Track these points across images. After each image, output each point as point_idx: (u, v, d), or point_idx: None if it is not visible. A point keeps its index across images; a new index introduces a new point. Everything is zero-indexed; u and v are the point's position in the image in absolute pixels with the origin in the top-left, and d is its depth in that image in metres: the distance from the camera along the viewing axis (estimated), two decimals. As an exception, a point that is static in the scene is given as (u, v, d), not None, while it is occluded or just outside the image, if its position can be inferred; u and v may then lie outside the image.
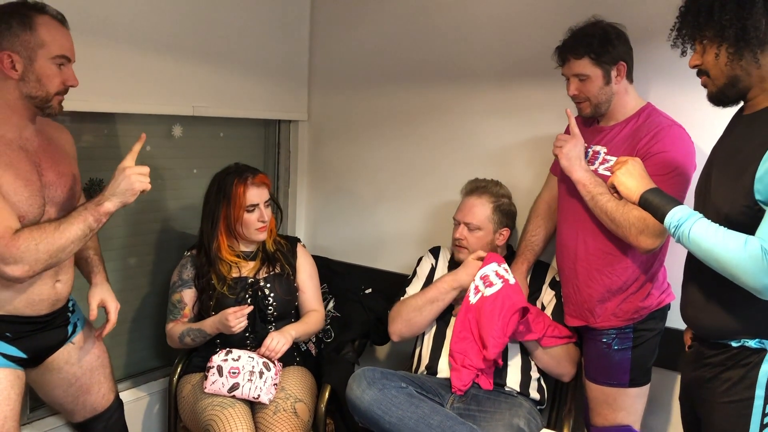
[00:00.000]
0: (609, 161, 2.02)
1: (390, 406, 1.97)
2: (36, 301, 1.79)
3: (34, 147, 1.76)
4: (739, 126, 1.52)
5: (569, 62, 2.03)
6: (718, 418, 1.50)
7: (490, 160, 2.60)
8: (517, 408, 2.09)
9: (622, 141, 2.02)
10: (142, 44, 2.35)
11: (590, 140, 2.11)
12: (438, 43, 2.69)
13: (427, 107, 2.75)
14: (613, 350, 2.05)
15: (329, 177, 3.10)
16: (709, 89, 1.50)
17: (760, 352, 1.44)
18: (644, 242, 1.87)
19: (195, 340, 2.31)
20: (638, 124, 2.01)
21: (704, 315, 1.53)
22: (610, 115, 2.07)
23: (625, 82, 2.03)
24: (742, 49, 1.39)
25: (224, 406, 2.16)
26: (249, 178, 2.36)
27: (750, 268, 1.33)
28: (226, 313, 2.18)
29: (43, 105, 1.73)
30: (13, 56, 1.66)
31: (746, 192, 1.38)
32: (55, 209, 1.79)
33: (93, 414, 2.07)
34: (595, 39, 1.98)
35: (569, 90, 2.06)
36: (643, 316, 2.03)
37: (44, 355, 1.90)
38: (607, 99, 2.03)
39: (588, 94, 2.03)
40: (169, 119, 2.62)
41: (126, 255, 2.57)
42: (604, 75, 2.00)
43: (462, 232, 2.35)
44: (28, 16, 1.67)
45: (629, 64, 2.01)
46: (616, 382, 2.06)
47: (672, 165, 1.88)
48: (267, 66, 2.88)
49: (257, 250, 2.45)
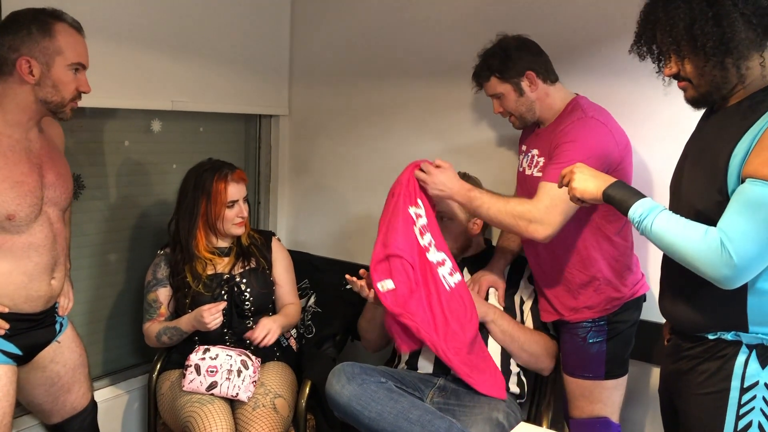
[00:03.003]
0: (539, 163, 2.06)
1: (369, 401, 1.97)
2: (34, 297, 1.82)
3: (37, 148, 1.81)
4: (711, 122, 1.52)
5: (483, 86, 2.12)
6: (695, 410, 1.51)
7: (470, 154, 2.60)
8: (496, 402, 2.09)
9: (546, 139, 2.04)
10: (120, 38, 2.32)
11: (530, 144, 2.16)
12: (418, 38, 2.69)
13: (408, 102, 2.75)
14: (588, 343, 2.06)
15: (310, 172, 3.09)
16: (690, 93, 1.48)
17: (736, 345, 1.45)
18: (536, 231, 1.87)
19: (172, 339, 2.29)
20: (558, 121, 2.04)
21: (681, 309, 1.54)
22: (543, 118, 2.11)
23: (543, 86, 2.05)
24: (726, 62, 1.38)
25: (203, 402, 2.15)
26: (228, 174, 2.34)
27: (709, 258, 1.34)
28: (201, 310, 2.17)
29: (57, 110, 1.78)
30: (32, 61, 1.70)
31: (719, 186, 1.38)
32: (54, 209, 1.85)
33: (72, 413, 2.07)
34: (495, 59, 2.05)
35: (493, 109, 2.14)
36: (617, 306, 2.04)
37: (34, 352, 1.92)
38: (528, 108, 2.08)
39: (509, 109, 2.10)
40: (147, 114, 2.59)
41: (104, 251, 2.54)
42: (515, 89, 2.06)
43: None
44: (47, 23, 1.72)
45: (539, 70, 2.04)
46: (592, 374, 2.08)
47: (569, 156, 1.87)
48: (247, 60, 2.86)
49: (231, 245, 2.44)
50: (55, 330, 1.97)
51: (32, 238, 1.78)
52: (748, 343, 1.43)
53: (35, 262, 1.80)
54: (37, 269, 1.81)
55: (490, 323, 2.22)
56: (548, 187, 1.88)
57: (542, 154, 2.06)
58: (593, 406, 2.10)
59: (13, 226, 1.72)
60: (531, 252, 2.18)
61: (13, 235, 1.74)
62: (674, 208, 1.54)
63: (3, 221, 1.70)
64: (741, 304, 1.43)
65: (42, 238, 1.80)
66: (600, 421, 2.10)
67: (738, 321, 1.44)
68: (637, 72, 1.86)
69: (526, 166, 2.14)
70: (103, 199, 2.51)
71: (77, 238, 2.30)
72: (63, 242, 1.92)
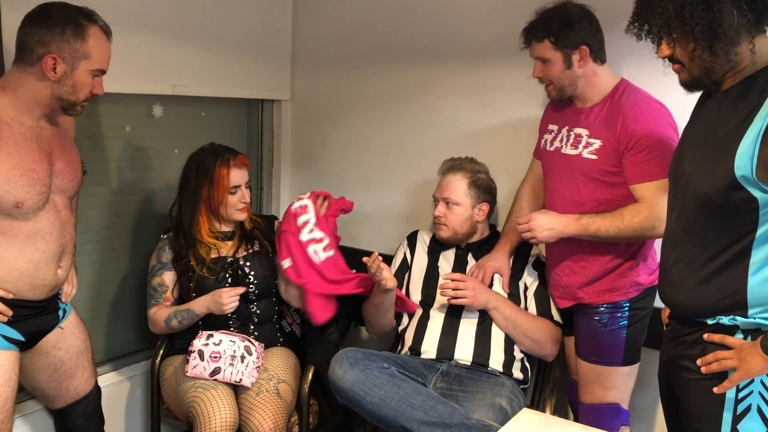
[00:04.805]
0: (592, 144, 2.00)
1: (372, 386, 1.97)
2: (39, 285, 1.83)
3: (47, 136, 1.82)
4: (710, 105, 1.50)
5: (531, 45, 2.03)
6: (693, 395, 1.51)
7: (474, 140, 2.58)
8: (499, 387, 2.10)
9: (602, 123, 2.00)
10: (120, 22, 2.27)
11: (570, 123, 2.09)
12: (423, 23, 2.66)
13: (412, 87, 2.72)
14: (609, 329, 2.05)
15: (313, 157, 3.07)
16: (683, 76, 1.47)
17: (733, 329, 1.44)
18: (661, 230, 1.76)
19: (182, 323, 2.29)
20: (614, 104, 1.99)
21: (679, 294, 1.53)
22: (584, 96, 2.05)
23: (593, 64, 1.99)
24: (715, 47, 1.37)
25: (207, 388, 2.15)
26: (231, 159, 2.34)
27: None
28: (220, 291, 2.20)
29: (68, 107, 1.79)
30: (57, 59, 1.70)
31: (727, 171, 1.37)
32: (61, 196, 1.85)
33: (75, 398, 2.08)
34: (555, 22, 1.96)
35: (534, 72, 2.06)
36: (639, 291, 2.03)
37: (37, 338, 1.93)
38: (571, 83, 2.01)
39: (551, 78, 2.02)
40: (148, 99, 2.57)
41: (106, 237, 2.53)
42: (564, 59, 1.98)
43: (440, 209, 2.35)
44: (82, 26, 1.73)
45: (594, 47, 1.97)
46: (610, 360, 2.06)
47: (655, 146, 1.87)
48: (249, 44, 2.83)
49: (235, 229, 2.44)
50: (58, 316, 1.97)
51: (38, 225, 1.78)
52: (744, 328, 1.43)
53: (42, 250, 1.80)
54: (43, 257, 1.81)
55: (492, 310, 2.21)
56: (653, 186, 1.87)
57: (596, 135, 1.99)
58: (607, 392, 2.08)
59: (20, 213, 1.73)
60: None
61: (19, 222, 1.74)
62: (676, 195, 1.53)
63: (11, 208, 1.71)
64: (741, 286, 1.42)
65: (48, 226, 1.80)
66: (611, 407, 2.09)
67: (738, 304, 1.43)
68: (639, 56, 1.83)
69: (563, 145, 2.08)
70: (105, 185, 2.50)
71: (78, 224, 2.29)
72: (71, 230, 1.93)
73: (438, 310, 2.31)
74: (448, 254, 2.42)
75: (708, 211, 1.43)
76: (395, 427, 1.95)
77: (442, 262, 2.41)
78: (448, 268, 2.38)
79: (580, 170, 2.02)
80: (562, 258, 2.13)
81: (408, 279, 2.45)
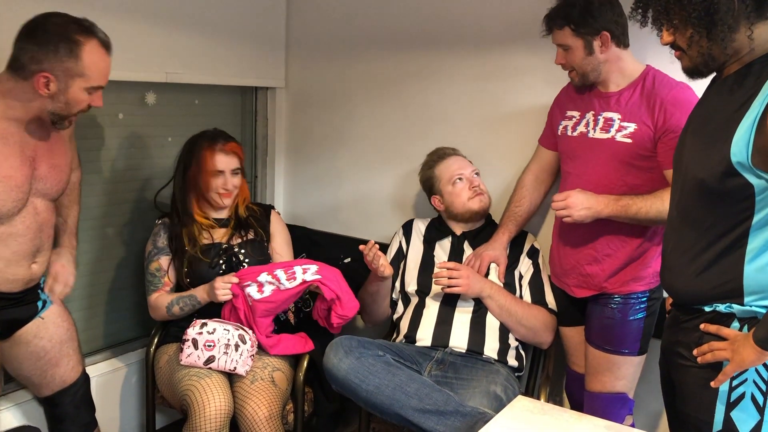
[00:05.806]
0: (626, 128, 1.98)
1: (367, 374, 1.97)
2: (11, 280, 1.83)
3: (33, 140, 1.78)
4: (711, 93, 1.51)
5: (552, 32, 2.01)
6: (690, 382, 1.52)
7: (471, 128, 2.57)
8: (494, 375, 2.10)
9: (637, 106, 1.98)
10: (113, 8, 2.27)
11: (596, 107, 2.06)
12: (418, 10, 2.64)
13: (407, 74, 2.71)
14: (628, 318, 2.04)
15: (308, 145, 3.06)
16: (684, 63, 1.48)
17: (729, 317, 1.45)
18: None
19: (184, 309, 2.29)
20: (648, 89, 1.97)
21: (677, 280, 1.54)
22: (608, 81, 2.03)
23: (616, 49, 1.98)
24: (712, 33, 1.37)
25: (201, 376, 2.15)
26: (219, 144, 2.35)
27: None
28: (216, 279, 2.21)
29: (57, 121, 1.76)
30: (50, 78, 1.67)
31: (723, 157, 1.37)
32: (43, 200, 1.83)
33: (62, 386, 2.08)
34: (575, 9, 1.94)
35: (556, 58, 2.05)
36: (659, 281, 2.02)
37: (13, 328, 1.92)
38: (594, 68, 2.00)
39: (573, 64, 2.01)
40: (141, 86, 2.55)
41: (101, 225, 2.53)
42: (585, 46, 1.97)
43: (473, 180, 2.36)
44: (76, 44, 1.68)
45: (616, 33, 1.95)
46: (626, 350, 2.05)
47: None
48: (243, 31, 2.81)
49: (230, 217, 2.43)
50: (36, 306, 1.97)
51: (12, 229, 1.76)
52: (740, 317, 1.44)
53: (13, 250, 1.79)
54: (15, 256, 1.80)
55: (486, 299, 2.21)
56: None
57: (630, 119, 1.97)
58: (617, 381, 2.08)
59: None
60: (587, 227, 2.03)
61: None
62: (677, 181, 1.53)
63: None
64: (737, 273, 1.43)
65: (23, 228, 1.79)
66: (619, 396, 2.09)
67: (734, 291, 1.44)
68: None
69: (589, 129, 2.05)
70: (98, 173, 2.49)
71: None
72: (49, 230, 1.91)
73: (433, 299, 2.32)
74: (444, 243, 2.42)
75: (705, 197, 1.44)
76: (390, 415, 1.96)
77: (438, 251, 2.41)
78: (444, 256, 2.38)
79: (613, 154, 1.99)
80: (582, 246, 2.09)
81: (404, 268, 2.45)
